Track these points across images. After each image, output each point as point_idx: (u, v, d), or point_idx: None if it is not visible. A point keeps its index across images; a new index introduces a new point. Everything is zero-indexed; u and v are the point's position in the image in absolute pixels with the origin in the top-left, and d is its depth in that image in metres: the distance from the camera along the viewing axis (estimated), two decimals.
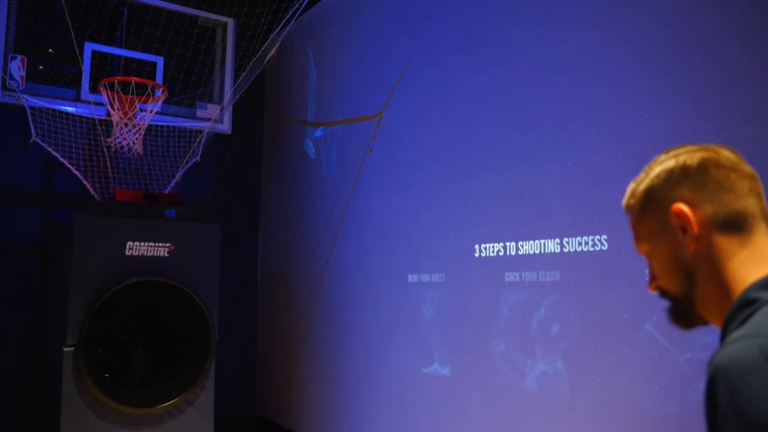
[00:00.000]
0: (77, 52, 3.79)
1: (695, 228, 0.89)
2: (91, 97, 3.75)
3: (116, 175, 3.87)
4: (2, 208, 3.96)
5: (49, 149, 3.59)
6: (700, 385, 1.95)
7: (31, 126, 3.52)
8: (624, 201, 1.01)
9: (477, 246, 2.83)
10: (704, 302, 0.91)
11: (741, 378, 0.68)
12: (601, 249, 2.29)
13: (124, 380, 3.44)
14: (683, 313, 0.95)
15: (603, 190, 2.29)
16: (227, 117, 4.25)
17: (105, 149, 3.83)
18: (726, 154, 0.92)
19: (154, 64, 3.94)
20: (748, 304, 0.81)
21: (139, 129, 3.74)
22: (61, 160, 3.61)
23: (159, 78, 3.92)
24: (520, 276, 2.59)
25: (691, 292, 0.92)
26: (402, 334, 3.24)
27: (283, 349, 4.41)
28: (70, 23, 3.77)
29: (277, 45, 4.21)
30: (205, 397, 3.46)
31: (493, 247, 2.75)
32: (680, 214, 0.90)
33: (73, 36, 3.77)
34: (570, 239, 2.40)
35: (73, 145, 3.71)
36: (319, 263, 4.03)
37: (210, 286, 3.52)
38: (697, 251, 0.89)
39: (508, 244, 2.68)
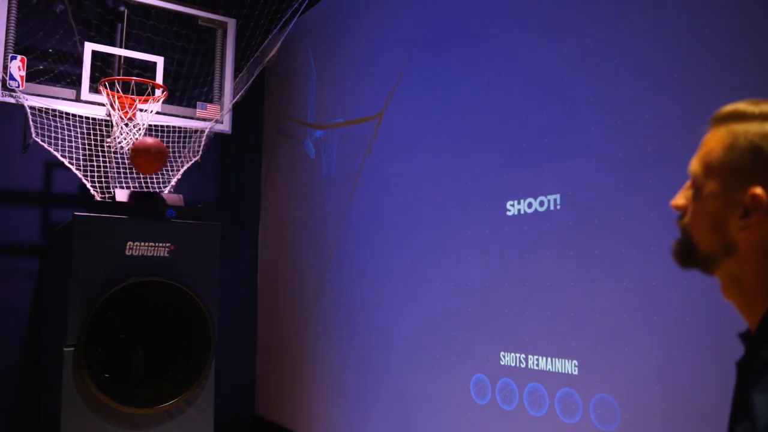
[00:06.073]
0: (77, 52, 3.79)
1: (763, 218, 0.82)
2: (91, 97, 3.75)
3: (116, 175, 3.87)
4: (2, 208, 3.96)
5: (49, 149, 3.59)
6: (707, 389, 1.95)
7: (31, 126, 3.52)
8: (727, 110, 0.89)
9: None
10: (738, 283, 0.86)
11: None
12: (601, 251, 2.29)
13: (124, 380, 3.44)
14: (692, 258, 0.90)
15: (603, 190, 2.29)
16: (227, 117, 4.24)
17: (105, 149, 3.83)
18: None
19: (154, 64, 3.94)
20: None
21: (139, 129, 3.74)
22: (61, 159, 3.61)
23: (159, 78, 3.92)
24: (521, 277, 2.59)
25: (721, 258, 0.86)
26: (402, 334, 3.24)
27: (283, 349, 4.41)
28: (72, 23, 3.77)
29: (278, 45, 4.21)
30: (205, 397, 3.46)
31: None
32: (756, 200, 0.82)
33: (74, 36, 3.77)
34: (570, 240, 2.40)
35: (73, 145, 3.71)
36: (319, 263, 4.03)
37: (210, 286, 3.51)
38: (750, 235, 0.83)
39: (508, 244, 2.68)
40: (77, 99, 3.74)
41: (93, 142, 3.82)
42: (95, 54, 3.79)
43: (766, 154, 0.82)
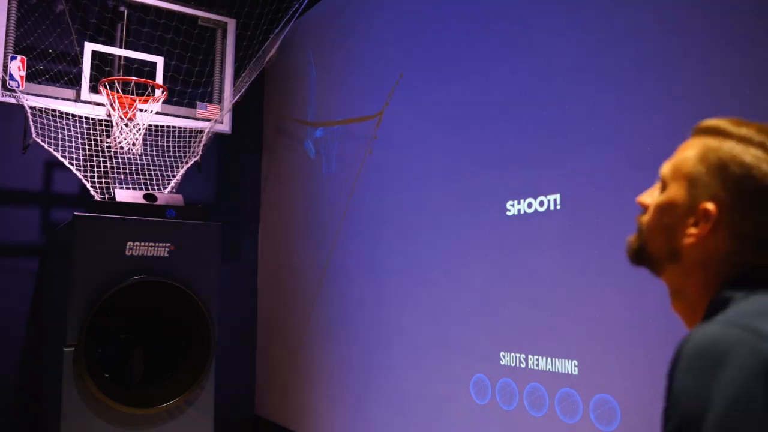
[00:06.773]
0: (77, 52, 3.79)
1: (708, 236, 0.85)
2: (91, 97, 3.75)
3: (116, 175, 3.87)
4: (2, 208, 3.96)
5: (49, 149, 3.59)
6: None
7: (31, 126, 3.52)
8: (710, 124, 0.91)
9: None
10: (680, 294, 0.90)
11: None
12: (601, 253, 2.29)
13: (124, 380, 3.44)
14: (640, 256, 0.95)
15: (603, 190, 2.29)
16: (227, 117, 4.24)
17: (105, 149, 3.83)
18: None
19: (154, 64, 3.94)
20: (721, 305, 0.81)
21: (139, 129, 3.74)
22: (61, 160, 3.61)
23: (159, 78, 3.92)
24: (521, 276, 2.59)
25: (665, 263, 0.91)
26: (402, 334, 3.24)
27: (283, 349, 4.41)
28: (70, 23, 3.77)
29: (277, 45, 4.21)
30: (205, 397, 3.46)
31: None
32: (707, 214, 0.85)
33: (73, 36, 3.77)
34: (570, 240, 2.40)
35: (73, 145, 3.71)
36: (319, 263, 4.03)
37: (210, 286, 3.51)
38: (694, 247, 0.86)
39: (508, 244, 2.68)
40: (77, 99, 3.74)
41: (93, 142, 3.83)
42: (95, 54, 3.79)
43: (728, 174, 0.84)
